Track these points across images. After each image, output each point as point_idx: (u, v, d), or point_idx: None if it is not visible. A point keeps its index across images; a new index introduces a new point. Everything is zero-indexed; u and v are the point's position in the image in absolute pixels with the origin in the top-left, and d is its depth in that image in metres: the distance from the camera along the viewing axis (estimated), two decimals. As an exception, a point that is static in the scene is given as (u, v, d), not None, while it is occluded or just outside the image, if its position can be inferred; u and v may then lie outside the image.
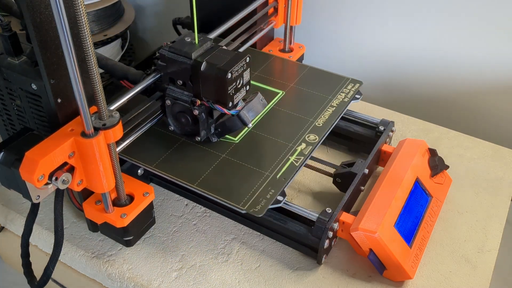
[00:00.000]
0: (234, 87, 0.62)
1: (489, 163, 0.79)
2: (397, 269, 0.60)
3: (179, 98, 0.65)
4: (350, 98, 0.77)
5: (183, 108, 0.65)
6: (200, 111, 0.64)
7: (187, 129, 0.68)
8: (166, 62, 0.64)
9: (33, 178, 0.50)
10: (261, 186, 0.62)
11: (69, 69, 0.47)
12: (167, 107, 0.67)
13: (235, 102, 0.64)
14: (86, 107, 0.50)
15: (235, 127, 0.66)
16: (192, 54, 0.62)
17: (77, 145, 0.52)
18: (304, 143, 0.68)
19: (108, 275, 0.64)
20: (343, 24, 1.00)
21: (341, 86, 0.80)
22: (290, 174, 0.64)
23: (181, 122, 0.67)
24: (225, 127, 0.67)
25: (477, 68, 0.91)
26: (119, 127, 0.53)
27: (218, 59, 0.62)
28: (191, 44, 0.63)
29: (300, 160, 0.66)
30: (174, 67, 0.64)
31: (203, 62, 0.61)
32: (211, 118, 0.67)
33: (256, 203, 0.60)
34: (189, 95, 0.65)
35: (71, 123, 0.54)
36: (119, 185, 0.60)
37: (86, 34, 0.46)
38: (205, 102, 0.64)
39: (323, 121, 0.72)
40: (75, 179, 0.54)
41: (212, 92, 0.62)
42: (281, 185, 0.62)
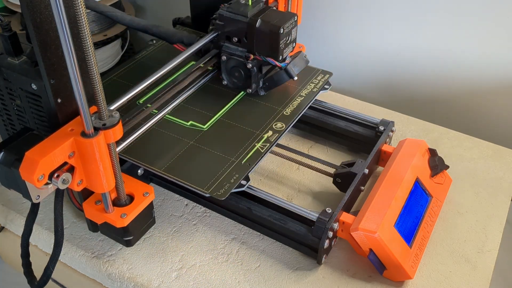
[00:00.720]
0: (284, 42, 0.69)
1: (489, 163, 0.79)
2: (397, 269, 0.60)
3: (234, 53, 0.72)
4: (319, 88, 0.79)
5: (238, 62, 0.73)
6: (253, 64, 0.72)
7: (239, 83, 0.75)
8: (224, 21, 0.71)
9: (33, 178, 0.50)
10: (226, 171, 0.64)
11: (69, 69, 0.47)
12: (222, 62, 0.74)
13: (284, 56, 0.71)
14: (86, 107, 0.50)
15: (282, 80, 0.73)
16: (248, 13, 0.69)
17: (77, 145, 0.52)
18: (271, 131, 0.70)
19: (108, 275, 0.64)
20: (343, 24, 1.00)
21: (311, 77, 0.82)
22: (255, 160, 0.66)
23: (234, 76, 0.74)
24: (272, 81, 0.74)
25: (477, 68, 0.91)
26: (119, 127, 0.53)
27: (271, 17, 0.69)
28: (246, 5, 0.71)
29: (266, 147, 0.68)
30: (232, 25, 0.71)
31: (258, 20, 0.69)
32: (261, 73, 0.74)
33: (220, 187, 0.62)
34: (243, 51, 0.72)
35: (71, 123, 0.54)
36: (119, 185, 0.60)
37: (86, 34, 0.46)
38: (257, 56, 0.71)
39: (291, 110, 0.75)
40: (75, 179, 0.54)
41: (265, 46, 0.70)
42: (245, 170, 0.64)
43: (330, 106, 0.82)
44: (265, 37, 0.69)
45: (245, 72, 0.73)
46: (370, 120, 0.79)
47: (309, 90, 0.79)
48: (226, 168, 0.64)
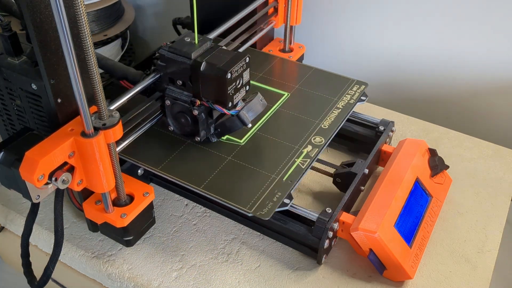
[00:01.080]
0: (234, 87, 0.62)
1: (489, 163, 0.79)
2: (397, 269, 0.60)
3: (179, 98, 0.65)
4: (355, 100, 0.77)
5: (183, 108, 0.65)
6: (200, 111, 0.64)
7: (187, 129, 0.68)
8: (166, 62, 0.64)
9: (33, 178, 0.50)
10: (268, 189, 0.62)
11: (69, 69, 0.47)
12: (166, 107, 0.67)
13: (235, 102, 0.64)
14: (86, 107, 0.50)
15: (235, 127, 0.66)
16: (192, 54, 0.62)
17: (77, 145, 0.52)
18: (310, 145, 0.68)
19: (108, 275, 0.64)
20: (343, 24, 1.00)
21: (346, 88, 0.79)
22: (296, 176, 0.63)
23: (180, 122, 0.67)
24: (225, 127, 0.67)
25: (477, 68, 0.91)
26: (119, 127, 0.53)
27: (217, 59, 0.62)
28: (191, 44, 0.64)
29: (307, 163, 0.65)
30: (174, 67, 0.64)
31: (203, 62, 0.62)
32: (211, 118, 0.67)
33: (263, 206, 0.60)
34: (188, 95, 0.65)
35: (71, 123, 0.54)
36: (119, 185, 0.60)
37: (86, 34, 0.46)
38: (204, 102, 0.64)
39: (329, 123, 0.72)
40: (75, 179, 0.54)
41: (212, 92, 0.63)
42: (287, 187, 0.62)
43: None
44: (211, 81, 0.62)
45: (192, 119, 0.66)
46: (370, 120, 0.79)
47: (346, 102, 0.76)
48: (268, 186, 0.62)
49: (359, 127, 0.79)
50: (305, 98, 0.77)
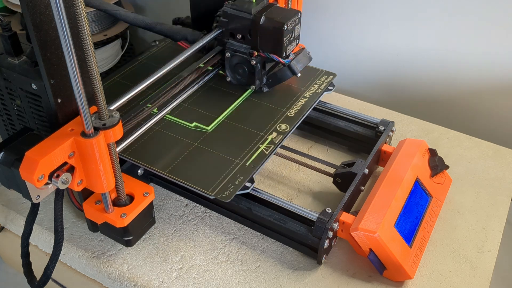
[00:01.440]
0: (288, 39, 0.70)
1: (489, 163, 0.79)
2: (397, 269, 0.60)
3: (238, 50, 0.73)
4: (323, 90, 0.79)
5: (241, 59, 0.73)
6: (257, 61, 0.72)
7: (243, 80, 0.75)
8: (228, 18, 0.72)
9: (33, 178, 0.50)
10: (231, 173, 0.64)
11: (69, 69, 0.47)
12: (226, 59, 0.75)
13: (288, 53, 0.71)
14: (86, 107, 0.50)
15: (285, 77, 0.74)
16: (252, 10, 0.70)
17: (77, 145, 0.52)
18: (275, 132, 0.70)
19: (108, 275, 0.64)
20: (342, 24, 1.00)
21: (315, 78, 0.82)
22: (259, 161, 0.66)
23: (238, 73, 0.75)
24: (276, 78, 0.75)
25: (477, 68, 0.91)
26: (119, 127, 0.53)
27: (275, 14, 0.70)
28: (250, 2, 0.71)
29: (270, 149, 0.68)
30: (236, 22, 0.72)
31: (262, 17, 0.69)
32: (264, 70, 0.75)
33: (225, 189, 0.62)
34: (247, 48, 0.73)
35: (71, 123, 0.54)
36: (119, 185, 0.60)
37: (86, 34, 0.46)
38: (261, 53, 0.71)
39: (295, 111, 0.75)
40: (75, 179, 0.54)
41: (269, 43, 0.70)
42: (250, 171, 0.64)
43: (330, 106, 0.82)
44: (269, 34, 0.69)
45: (249, 69, 0.73)
46: (370, 120, 0.79)
47: (313, 91, 0.79)
48: (231, 170, 0.64)
49: (359, 127, 0.79)
50: (274, 88, 0.79)
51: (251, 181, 0.64)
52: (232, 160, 0.66)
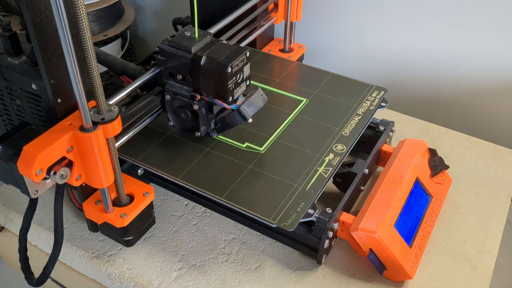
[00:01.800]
0: (234, 82, 0.62)
1: (489, 163, 0.79)
2: (397, 269, 0.60)
3: (179, 93, 0.65)
4: (375, 106, 0.75)
5: (183, 103, 0.65)
6: (200, 106, 0.64)
7: (187, 124, 0.67)
8: (166, 56, 0.64)
9: (31, 173, 0.49)
10: (291, 199, 0.61)
11: (69, 69, 0.47)
12: (166, 102, 0.67)
13: (235, 97, 0.63)
14: (85, 101, 0.49)
15: (235, 122, 0.65)
16: (192, 48, 0.62)
17: (75, 139, 0.52)
18: (331, 153, 0.67)
19: (108, 275, 0.64)
20: (343, 24, 1.00)
21: (365, 94, 0.78)
22: (319, 185, 0.62)
23: (181, 117, 0.67)
24: (225, 122, 0.66)
25: (477, 68, 0.91)
26: (118, 122, 0.53)
27: (218, 53, 0.62)
28: (191, 38, 0.63)
29: (329, 171, 0.64)
30: (174, 61, 0.63)
31: (203, 56, 0.61)
32: (211, 113, 0.67)
33: (287, 216, 0.59)
34: (188, 90, 0.64)
35: (69, 118, 0.53)
36: (119, 185, 0.60)
37: (86, 34, 0.46)
38: (205, 97, 0.64)
39: (350, 130, 0.71)
40: (74, 174, 0.54)
41: (212, 86, 0.62)
42: (311, 197, 0.61)
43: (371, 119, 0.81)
44: (211, 76, 0.61)
45: (192, 113, 0.65)
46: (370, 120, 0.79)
47: (366, 108, 0.75)
48: (291, 196, 0.61)
49: (359, 127, 0.79)
50: (324, 104, 0.76)
51: (313, 207, 0.60)
52: (291, 184, 0.62)
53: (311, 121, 0.73)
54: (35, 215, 0.70)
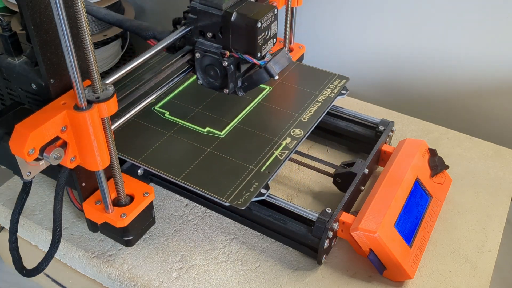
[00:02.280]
0: (263, 38, 0.64)
1: (489, 163, 0.79)
2: (397, 269, 0.60)
3: (209, 50, 0.66)
4: (336, 94, 0.78)
5: (213, 60, 0.66)
6: (229, 62, 0.65)
7: (216, 83, 0.69)
8: (197, 14, 0.65)
9: (23, 152, 0.48)
10: (245, 179, 0.63)
11: (69, 69, 0.47)
12: (196, 60, 0.68)
13: (263, 53, 0.65)
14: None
15: (262, 80, 0.67)
16: (223, 5, 0.63)
17: (69, 118, 0.50)
18: (289, 138, 0.70)
19: (108, 275, 0.64)
20: (343, 24, 1.00)
21: (327, 82, 0.81)
22: (274, 167, 0.65)
23: (210, 75, 0.68)
24: (252, 80, 0.68)
25: (477, 68, 0.91)
26: (114, 101, 0.51)
27: (248, 9, 0.63)
28: None
29: (285, 154, 0.67)
30: (205, 19, 0.65)
31: (234, 13, 0.63)
32: (239, 72, 0.68)
33: (240, 195, 0.61)
34: (218, 47, 0.66)
35: (63, 96, 0.52)
36: (119, 185, 0.60)
37: (86, 34, 0.46)
38: (234, 53, 0.65)
39: (309, 116, 0.74)
40: (68, 155, 0.52)
41: (242, 42, 0.64)
42: (265, 178, 0.63)
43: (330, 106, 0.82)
44: (241, 32, 0.63)
45: (221, 71, 0.67)
46: (370, 120, 0.79)
47: (326, 96, 0.77)
48: (245, 177, 0.64)
49: (359, 127, 0.79)
50: (286, 92, 0.79)
51: (266, 187, 0.63)
52: (246, 166, 0.65)
53: (272, 107, 0.76)
54: (35, 215, 0.71)
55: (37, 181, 0.76)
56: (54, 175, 0.58)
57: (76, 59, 0.47)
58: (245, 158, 0.66)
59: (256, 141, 0.69)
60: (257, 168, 0.65)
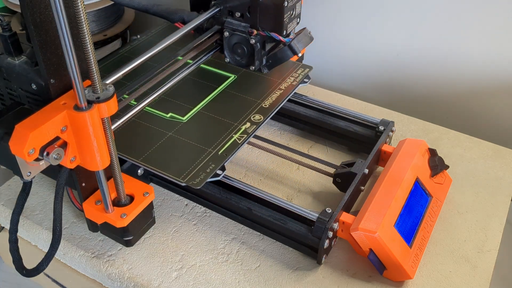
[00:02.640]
0: (289, 16, 0.69)
1: (489, 163, 0.79)
2: (397, 269, 0.60)
3: (237, 29, 0.71)
4: (298, 82, 0.80)
5: (240, 38, 0.71)
6: (256, 40, 0.70)
7: (242, 61, 0.74)
8: None
9: (23, 152, 0.48)
10: (203, 161, 0.65)
11: (69, 69, 0.47)
12: (224, 39, 0.73)
13: (288, 32, 0.70)
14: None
15: (286, 57, 0.71)
16: None
17: (69, 118, 0.50)
18: (249, 123, 0.71)
19: (108, 275, 0.64)
20: (342, 24, 1.00)
21: (291, 71, 0.83)
22: (231, 150, 0.67)
23: (237, 53, 0.73)
24: (276, 58, 0.73)
25: (477, 68, 0.91)
26: (114, 101, 0.51)
27: None
28: None
29: (243, 138, 0.69)
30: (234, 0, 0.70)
31: None
32: (264, 50, 0.73)
33: (196, 176, 0.63)
34: (246, 26, 0.70)
35: (63, 97, 0.52)
36: (119, 185, 0.60)
37: (86, 34, 0.46)
38: (261, 32, 0.69)
39: (270, 102, 0.76)
40: (68, 155, 0.52)
41: (269, 21, 0.69)
42: (221, 160, 0.65)
43: (330, 106, 0.82)
44: (268, 11, 0.68)
45: (248, 49, 0.72)
46: (370, 120, 0.79)
47: (289, 84, 0.80)
48: (203, 159, 0.66)
49: (359, 127, 0.79)
50: (250, 80, 0.81)
51: (222, 169, 0.65)
52: (205, 149, 0.67)
53: (235, 94, 0.78)
54: (35, 215, 0.71)
55: (37, 181, 0.76)
56: (54, 175, 0.58)
57: (76, 59, 0.47)
58: (204, 141, 0.68)
59: (217, 126, 0.71)
60: (215, 151, 0.67)
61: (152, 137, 0.69)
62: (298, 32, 0.72)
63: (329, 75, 1.06)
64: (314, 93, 0.94)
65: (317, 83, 0.99)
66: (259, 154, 0.81)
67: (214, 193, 0.68)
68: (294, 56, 0.71)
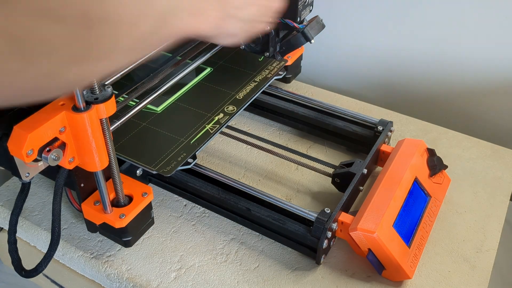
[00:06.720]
0: (302, 4, 0.72)
1: (488, 163, 0.79)
2: (396, 269, 0.60)
3: None
4: (273, 74, 0.80)
5: None
6: (271, 27, 0.70)
7: (257, 47, 0.76)
8: None
9: (21, 153, 0.48)
10: (175, 151, 0.66)
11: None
12: None
13: (302, 18, 0.73)
14: None
15: (299, 44, 0.75)
16: None
17: (68, 119, 0.50)
18: (222, 113, 0.72)
19: (107, 276, 0.64)
20: (342, 24, 1.00)
21: (266, 64, 0.83)
22: (203, 140, 0.67)
23: (252, 40, 0.75)
24: (289, 44, 0.76)
25: (477, 68, 0.91)
26: (112, 102, 0.51)
27: None
28: None
29: (216, 128, 0.69)
30: None
31: None
32: (277, 37, 0.76)
33: (167, 164, 0.63)
34: None
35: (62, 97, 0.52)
36: (117, 185, 0.60)
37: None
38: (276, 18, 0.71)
39: (244, 94, 0.76)
40: (67, 156, 0.52)
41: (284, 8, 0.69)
42: (193, 149, 0.66)
43: (328, 106, 0.82)
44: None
45: (263, 36, 0.74)
46: (368, 120, 0.79)
47: (264, 76, 0.80)
48: (175, 148, 0.66)
49: (358, 127, 0.79)
50: (226, 72, 0.81)
51: (194, 157, 0.66)
52: (177, 138, 0.67)
53: (210, 86, 0.78)
54: (34, 215, 0.71)
55: (36, 182, 0.76)
56: (52, 176, 0.57)
57: None
58: (177, 131, 0.69)
59: (190, 117, 0.71)
60: (187, 140, 0.67)
61: (126, 128, 0.69)
62: (311, 20, 0.74)
63: (328, 75, 1.06)
64: (313, 93, 0.94)
65: (316, 83, 0.99)
66: (258, 154, 0.81)
67: (213, 194, 0.68)
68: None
